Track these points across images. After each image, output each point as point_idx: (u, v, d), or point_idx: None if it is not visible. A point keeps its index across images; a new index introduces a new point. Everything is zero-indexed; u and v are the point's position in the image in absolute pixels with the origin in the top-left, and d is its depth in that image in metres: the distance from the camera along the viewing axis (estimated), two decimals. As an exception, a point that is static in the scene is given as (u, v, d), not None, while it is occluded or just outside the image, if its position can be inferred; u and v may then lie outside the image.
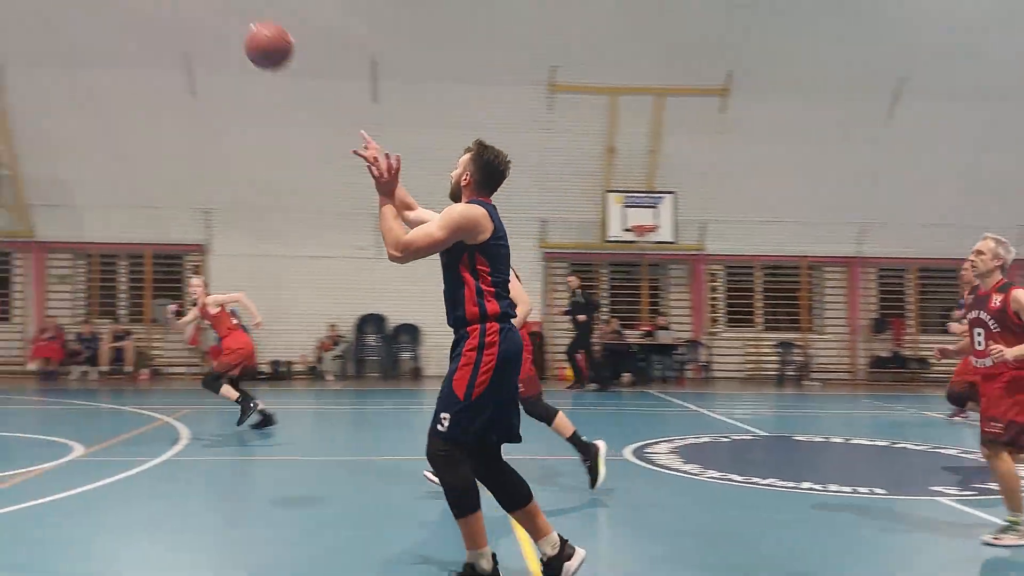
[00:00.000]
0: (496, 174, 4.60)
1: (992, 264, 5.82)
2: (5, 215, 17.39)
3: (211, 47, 16.43)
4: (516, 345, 4.36)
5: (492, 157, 4.58)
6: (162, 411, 12.22)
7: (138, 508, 6.71)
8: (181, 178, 17.45)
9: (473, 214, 4.35)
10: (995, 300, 5.77)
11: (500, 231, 4.42)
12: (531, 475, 4.94)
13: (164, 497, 7.09)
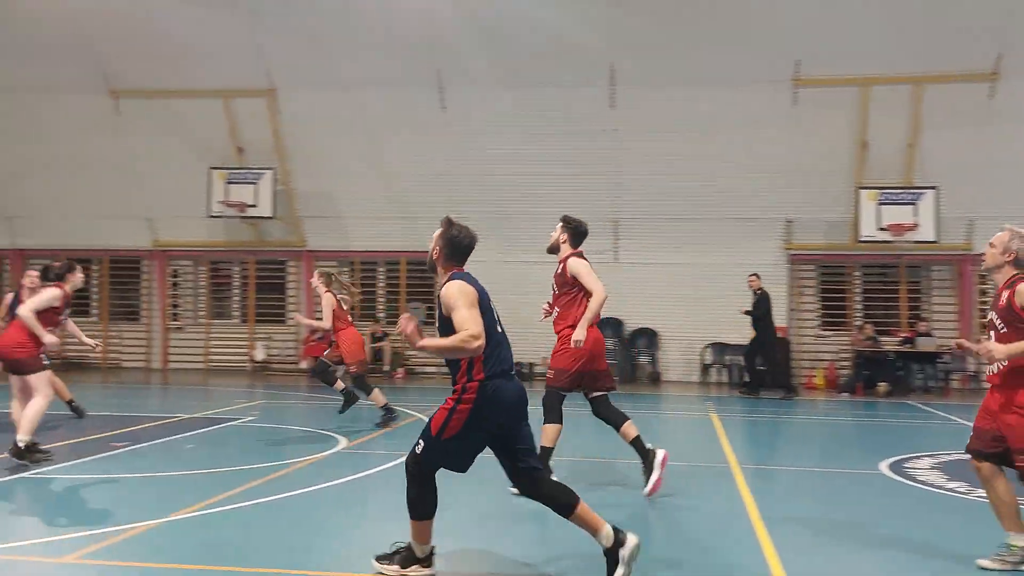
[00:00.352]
0: (462, 248, 5.23)
1: (1002, 258, 5.24)
2: (281, 227, 19.10)
3: (459, 64, 17.26)
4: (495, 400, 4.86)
5: (457, 232, 5.24)
6: (416, 408, 12.93)
7: (395, 498, 7.14)
8: (434, 189, 18.37)
9: (467, 289, 4.96)
10: (1003, 297, 5.16)
11: (482, 297, 4.98)
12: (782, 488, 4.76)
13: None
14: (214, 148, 18.41)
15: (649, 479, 7.03)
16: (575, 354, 7.28)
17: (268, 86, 17.97)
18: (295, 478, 7.76)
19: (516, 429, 4.99)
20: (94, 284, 20.37)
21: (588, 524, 4.88)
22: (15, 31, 17.49)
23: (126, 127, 18.61)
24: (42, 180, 19.14)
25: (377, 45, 17.08)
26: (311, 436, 10.29)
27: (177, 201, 18.89)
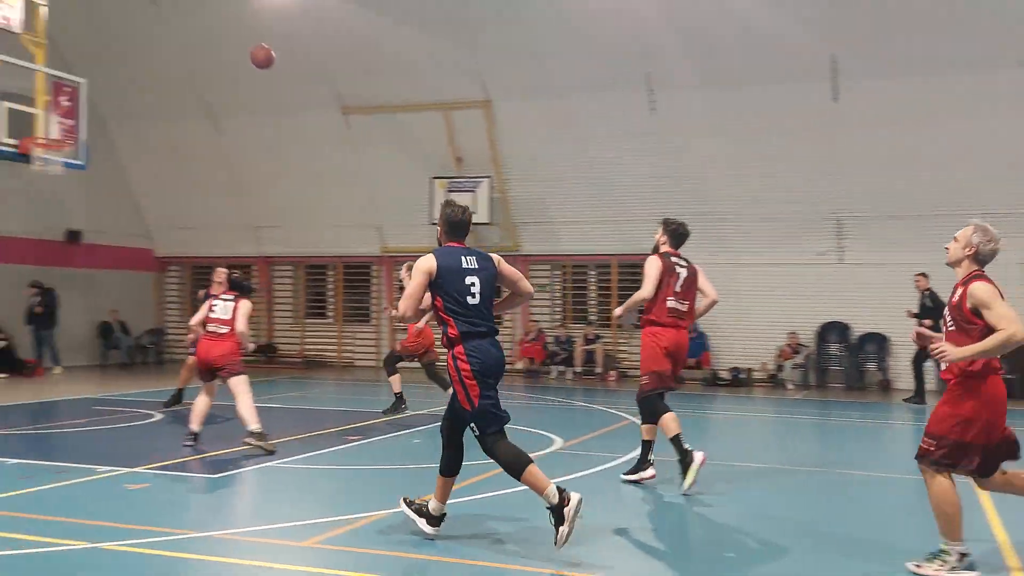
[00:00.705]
0: (456, 224, 5.76)
1: (963, 253, 5.16)
2: (497, 232, 19.72)
3: (668, 66, 17.12)
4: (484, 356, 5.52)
5: (450, 210, 5.77)
6: (628, 411, 12.95)
7: (610, 499, 7.23)
8: (644, 191, 18.33)
9: (419, 265, 5.59)
10: (956, 293, 5.08)
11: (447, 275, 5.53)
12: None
13: (629, 492, 7.54)
14: (435, 159, 19.28)
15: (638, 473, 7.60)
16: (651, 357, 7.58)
17: (484, 97, 18.59)
18: (506, 478, 7.99)
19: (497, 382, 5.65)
20: (330, 288, 21.86)
21: (536, 485, 5.43)
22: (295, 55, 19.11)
23: (356, 141, 19.86)
24: (284, 192, 20.79)
25: (587, 51, 17.27)
26: (527, 435, 10.57)
27: (402, 210, 19.94)
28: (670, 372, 7.56)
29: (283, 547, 5.70)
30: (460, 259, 5.60)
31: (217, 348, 9.12)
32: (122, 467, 7.98)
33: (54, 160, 12.38)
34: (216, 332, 9.18)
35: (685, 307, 7.59)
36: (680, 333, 7.59)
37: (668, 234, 7.82)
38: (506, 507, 6.83)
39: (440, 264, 5.54)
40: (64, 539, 5.60)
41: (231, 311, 9.23)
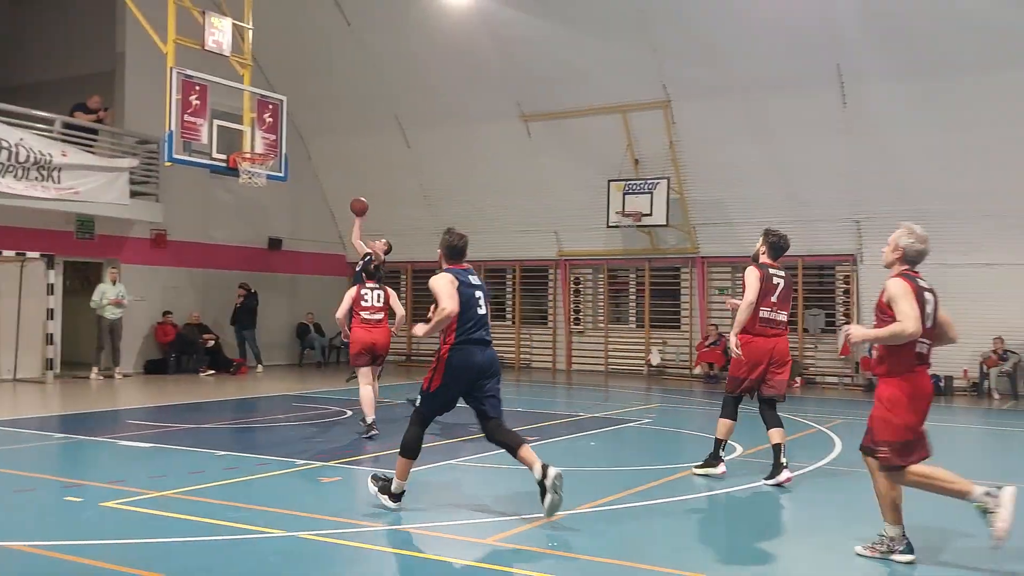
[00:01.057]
0: (456, 249, 6.66)
1: (892, 256, 5.58)
2: (675, 234, 19.50)
3: (862, 56, 16.37)
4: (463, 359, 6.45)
5: (448, 238, 6.68)
6: (815, 419, 12.51)
7: (794, 510, 7.03)
8: (833, 190, 17.64)
9: (432, 284, 6.49)
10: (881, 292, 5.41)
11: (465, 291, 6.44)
12: None
13: (817, 503, 7.29)
14: (612, 162, 19.29)
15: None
16: (735, 362, 7.95)
17: (663, 98, 18.44)
18: (691, 482, 7.93)
19: (482, 384, 6.52)
20: (508, 291, 22.31)
21: (527, 461, 6.33)
22: (426, 69, 19.80)
23: (535, 148, 20.19)
24: (466, 199, 21.39)
25: (771, 46, 16.79)
26: (707, 441, 10.40)
27: (579, 213, 20.09)
28: (746, 378, 7.92)
29: (465, 543, 5.89)
30: (467, 277, 6.58)
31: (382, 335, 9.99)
32: (317, 461, 8.49)
33: (258, 173, 13.30)
34: (374, 319, 9.91)
35: (782, 316, 7.88)
36: (769, 342, 7.84)
37: (768, 245, 7.99)
38: (672, 515, 6.77)
39: (461, 283, 6.49)
40: (264, 527, 6.03)
41: (383, 299, 10.01)
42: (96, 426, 11.14)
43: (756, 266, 7.80)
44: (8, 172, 14.71)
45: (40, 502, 6.85)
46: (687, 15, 17.12)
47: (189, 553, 5.53)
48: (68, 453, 9.33)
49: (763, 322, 7.72)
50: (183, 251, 19.43)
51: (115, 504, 6.60)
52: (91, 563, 5.21)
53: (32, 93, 18.92)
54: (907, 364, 5.35)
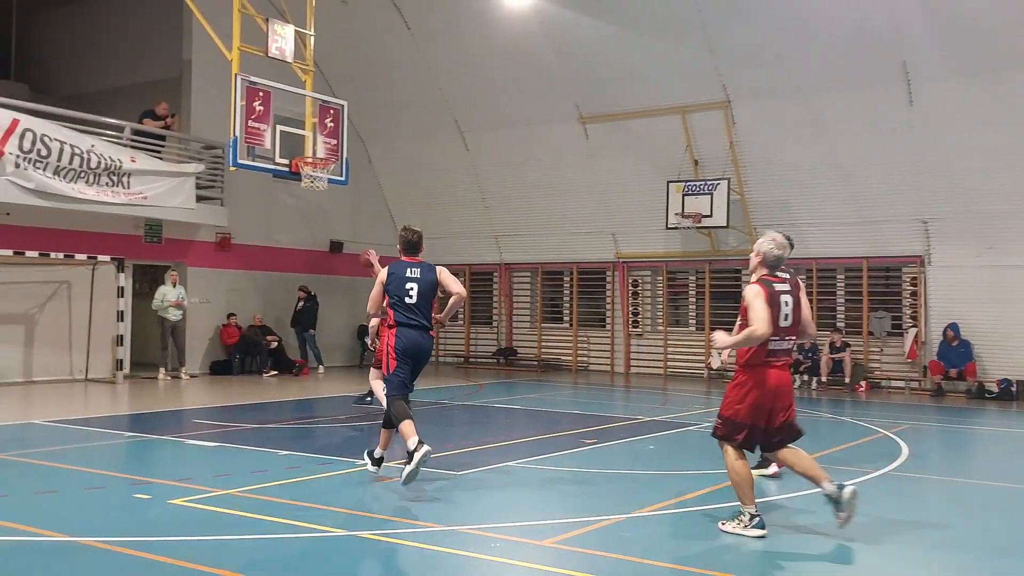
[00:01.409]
0: (407, 243, 7.81)
1: (755, 260, 6.05)
2: (736, 235, 19.27)
3: (928, 54, 16.02)
4: (401, 337, 7.51)
5: (404, 234, 7.86)
6: (881, 424, 12.26)
7: (859, 517, 6.89)
8: (899, 190, 17.28)
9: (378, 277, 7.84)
10: None
11: (394, 276, 7.63)
12: None
13: (883, 510, 7.14)
14: (671, 163, 19.14)
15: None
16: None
17: (723, 99, 18.25)
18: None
19: (417, 363, 7.62)
20: (566, 293, 22.29)
21: (405, 433, 7.18)
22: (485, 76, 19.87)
23: (593, 150, 20.14)
24: (524, 201, 21.46)
25: (832, 45, 16.51)
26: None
27: (638, 215, 19.99)
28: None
29: (523, 545, 5.91)
30: (406, 270, 7.62)
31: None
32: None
33: (320, 177, 13.49)
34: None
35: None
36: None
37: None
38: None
39: (390, 272, 7.65)
40: (325, 526, 6.13)
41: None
42: (163, 425, 11.42)
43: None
44: (80, 178, 15.16)
45: (110, 499, 7.05)
46: (746, 14, 16.92)
47: (252, 550, 5.64)
48: (137, 451, 9.59)
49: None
50: (247, 254, 19.82)
51: (182, 502, 6.76)
52: (159, 559, 5.35)
53: (102, 100, 19.49)
54: (759, 358, 5.94)
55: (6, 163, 14.11)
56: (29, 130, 14.40)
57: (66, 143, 14.92)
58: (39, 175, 14.54)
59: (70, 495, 7.09)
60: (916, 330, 17.55)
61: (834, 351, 17.88)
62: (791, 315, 5.96)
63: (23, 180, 14.35)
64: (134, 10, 20.81)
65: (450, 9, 19.34)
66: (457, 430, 10.92)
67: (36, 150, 14.47)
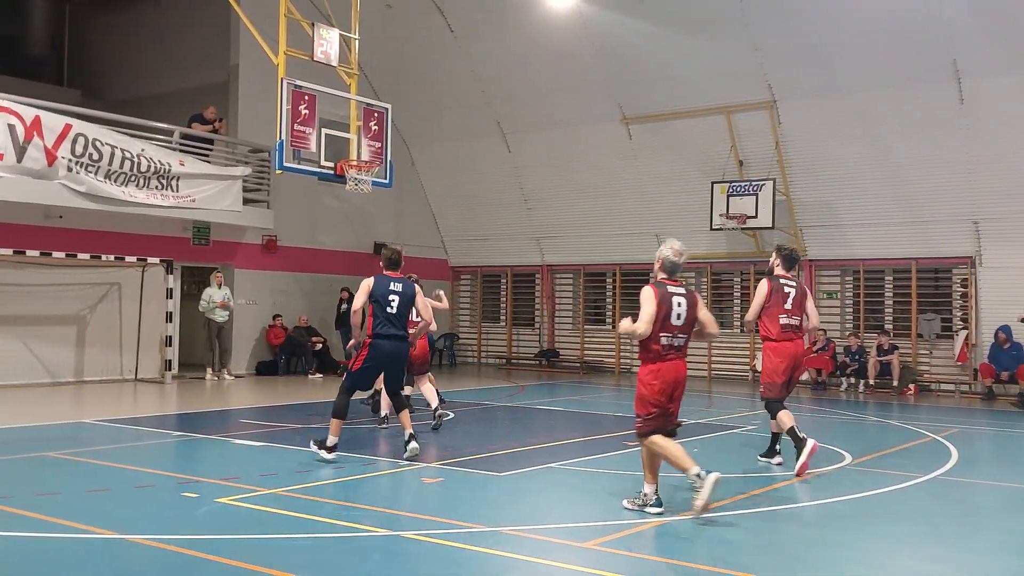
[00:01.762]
0: (389, 261, 8.98)
1: (656, 265, 6.94)
2: (781, 236, 19.02)
3: (979, 51, 15.72)
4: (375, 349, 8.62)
5: (387, 252, 9.02)
6: (930, 428, 12.05)
7: (907, 521, 6.79)
8: (949, 190, 16.98)
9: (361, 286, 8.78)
10: None
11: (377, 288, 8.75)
12: None
13: (932, 514, 7.04)
14: (716, 163, 18.99)
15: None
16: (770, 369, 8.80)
17: (768, 99, 18.06)
18: (797, 490, 7.76)
19: (391, 370, 8.86)
20: (608, 294, 22.22)
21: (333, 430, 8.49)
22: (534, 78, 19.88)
23: (636, 151, 20.05)
24: (566, 203, 21.43)
25: (879, 43, 16.27)
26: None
27: (681, 216, 19.85)
28: (783, 382, 8.70)
29: (565, 547, 5.90)
30: (389, 283, 8.77)
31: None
32: (420, 462, 8.64)
33: (364, 180, 13.61)
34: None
35: (797, 322, 8.73)
36: (796, 345, 8.74)
37: (782, 258, 8.93)
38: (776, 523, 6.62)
39: (375, 286, 8.69)
40: (369, 525, 6.18)
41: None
42: (210, 425, 11.59)
43: (768, 278, 8.85)
44: (130, 181, 15.47)
45: (159, 497, 7.18)
46: (791, 13, 16.74)
47: (297, 549, 5.71)
48: (184, 450, 9.75)
49: (784, 328, 8.64)
50: (292, 256, 20.04)
51: (229, 500, 6.86)
52: (207, 557, 5.44)
53: (152, 105, 19.85)
54: (654, 354, 6.72)
55: (59, 167, 14.45)
56: (81, 135, 14.73)
57: (117, 147, 15.24)
58: (91, 179, 14.86)
59: (120, 493, 7.23)
60: (966, 332, 17.22)
61: (882, 354, 17.59)
62: (684, 315, 6.75)
63: (75, 184, 14.68)
64: (183, 17, 21.17)
65: (493, 11, 19.39)
66: (499, 431, 10.94)
67: (88, 154, 14.80)
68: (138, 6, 22.31)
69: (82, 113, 15.59)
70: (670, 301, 6.71)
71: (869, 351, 17.77)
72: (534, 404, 14.31)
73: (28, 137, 14.07)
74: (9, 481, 7.67)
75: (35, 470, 8.18)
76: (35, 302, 15.74)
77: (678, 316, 6.72)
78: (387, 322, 8.59)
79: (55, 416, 11.93)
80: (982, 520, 7.08)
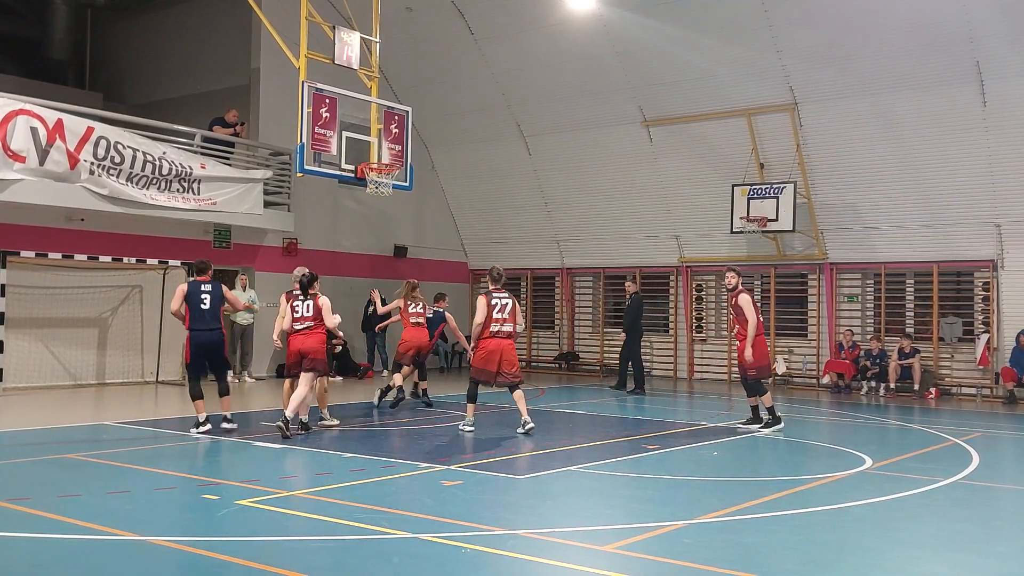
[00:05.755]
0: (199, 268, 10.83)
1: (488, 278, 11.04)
2: (802, 239, 18.94)
3: (1003, 53, 15.57)
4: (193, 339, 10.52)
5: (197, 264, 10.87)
6: (951, 432, 11.94)
7: (928, 525, 6.74)
8: (971, 193, 16.83)
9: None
10: None
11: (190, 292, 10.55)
12: None
13: (953, 519, 6.97)
14: (736, 166, 18.91)
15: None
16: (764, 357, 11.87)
17: (789, 101, 17.97)
18: (817, 494, 7.71)
19: (212, 356, 10.68)
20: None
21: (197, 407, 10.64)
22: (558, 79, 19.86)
23: (657, 153, 19.99)
24: (586, 206, 21.41)
25: (901, 44, 16.15)
26: (834, 453, 10.09)
27: (702, 219, 19.80)
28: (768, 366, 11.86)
29: (585, 550, 5.89)
30: (199, 286, 10.48)
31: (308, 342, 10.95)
32: (440, 464, 8.65)
33: (385, 183, 13.64)
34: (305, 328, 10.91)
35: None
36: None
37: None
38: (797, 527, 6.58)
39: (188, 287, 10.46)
40: (388, 528, 6.19)
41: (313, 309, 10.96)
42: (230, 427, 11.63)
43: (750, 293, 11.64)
44: (152, 184, 15.58)
45: (179, 500, 7.22)
46: (812, 15, 16.65)
47: (317, 552, 5.72)
48: (205, 453, 9.80)
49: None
50: (313, 259, 20.06)
51: (249, 503, 6.89)
52: (226, 559, 5.46)
53: (173, 108, 20.01)
54: (485, 335, 10.62)
55: (81, 170, 14.58)
56: (103, 138, 14.86)
57: (138, 150, 15.36)
58: (112, 182, 14.98)
59: (141, 495, 7.27)
60: (988, 336, 17.05)
61: (903, 357, 17.45)
62: (507, 308, 10.61)
63: (97, 187, 14.81)
64: (204, 20, 21.33)
65: (513, 14, 19.40)
66: (519, 434, 10.92)
67: (110, 157, 14.93)
68: (160, 10, 22.50)
69: (104, 116, 15.73)
70: (492, 304, 10.59)
71: (890, 354, 17.63)
72: (554, 407, 14.29)
73: (51, 140, 14.21)
74: (30, 483, 7.75)
75: (56, 472, 8.25)
76: (57, 305, 15.88)
77: (504, 309, 10.58)
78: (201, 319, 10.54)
79: (76, 418, 12.02)
80: (1004, 525, 7.00)
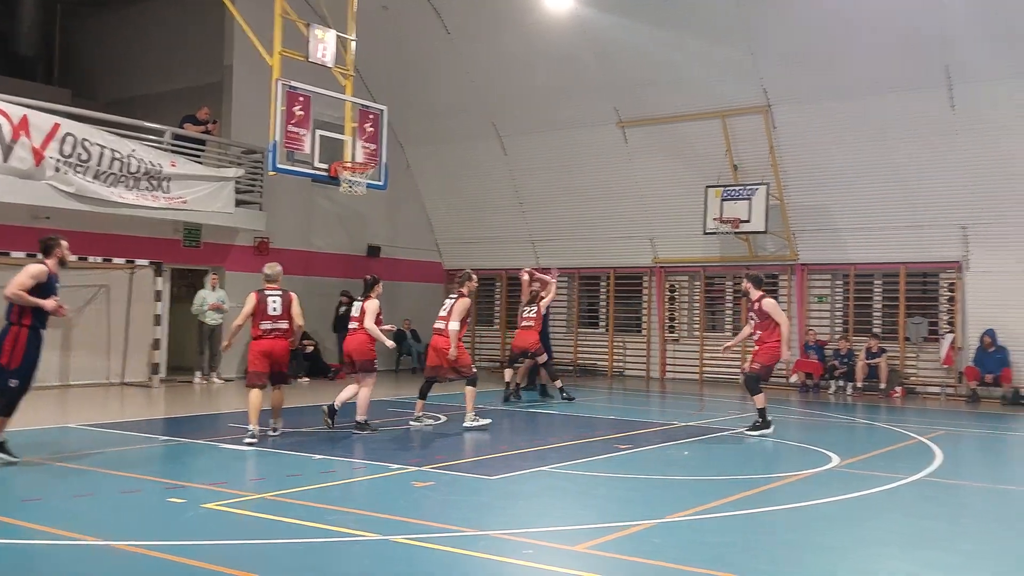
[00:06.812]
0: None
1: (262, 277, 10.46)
2: (774, 240, 19.07)
3: (972, 58, 15.77)
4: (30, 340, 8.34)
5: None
6: (916, 430, 12.08)
7: (894, 523, 6.80)
8: (939, 195, 17.02)
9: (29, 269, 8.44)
10: None
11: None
12: None
13: (919, 516, 7.04)
14: (711, 167, 18.99)
15: None
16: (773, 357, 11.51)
17: (763, 103, 18.08)
18: (786, 492, 7.76)
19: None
20: (603, 298, 22.21)
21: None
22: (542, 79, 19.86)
23: (632, 154, 20.04)
24: (561, 206, 21.41)
25: (874, 49, 16.31)
26: (803, 451, 10.16)
27: (676, 220, 19.88)
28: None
29: (556, 550, 5.89)
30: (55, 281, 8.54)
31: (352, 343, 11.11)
32: (411, 466, 8.61)
33: (358, 182, 13.56)
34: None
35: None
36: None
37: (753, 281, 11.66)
38: (767, 525, 6.62)
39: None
40: (358, 530, 6.15)
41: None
42: (198, 429, 11.53)
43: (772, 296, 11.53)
44: (120, 182, 15.36)
45: (144, 503, 7.11)
46: (787, 18, 16.77)
47: (285, 554, 5.67)
48: (171, 455, 9.69)
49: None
50: (285, 258, 19.76)
51: (216, 506, 6.82)
52: (192, 563, 5.39)
53: (144, 105, 19.77)
54: (257, 335, 10.03)
55: (46, 167, 14.32)
56: (70, 134, 14.63)
57: (106, 147, 15.14)
58: (79, 179, 14.76)
59: (105, 499, 7.18)
60: (953, 336, 17.26)
61: (870, 357, 17.64)
62: (279, 308, 10.02)
63: (63, 184, 14.57)
64: (177, 16, 21.09)
65: (489, 13, 19.36)
66: (491, 435, 10.91)
67: (76, 154, 14.69)
68: (131, 5, 22.23)
69: (71, 112, 15.48)
70: (267, 300, 10.01)
71: (858, 354, 17.80)
72: (527, 407, 14.29)
73: (15, 136, 13.95)
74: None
75: (19, 476, 8.10)
76: (23, 304, 15.60)
77: (274, 309, 10.01)
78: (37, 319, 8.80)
79: (39, 421, 11.83)
80: (970, 522, 7.09)
